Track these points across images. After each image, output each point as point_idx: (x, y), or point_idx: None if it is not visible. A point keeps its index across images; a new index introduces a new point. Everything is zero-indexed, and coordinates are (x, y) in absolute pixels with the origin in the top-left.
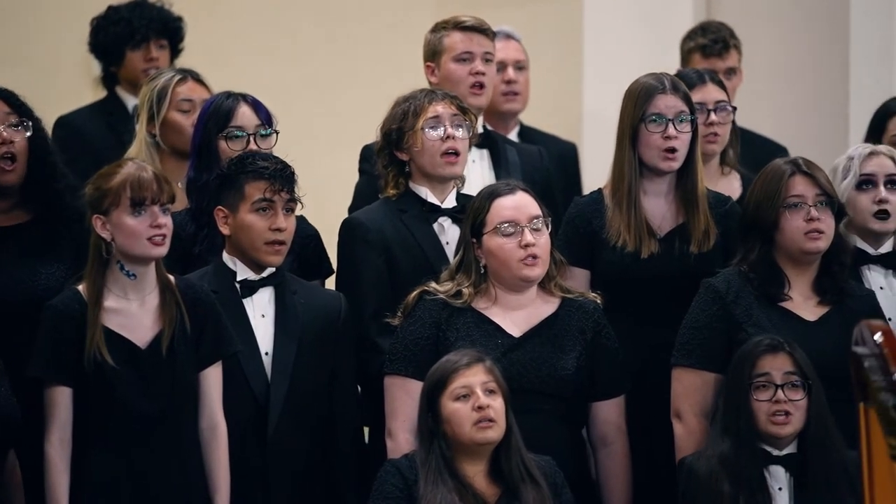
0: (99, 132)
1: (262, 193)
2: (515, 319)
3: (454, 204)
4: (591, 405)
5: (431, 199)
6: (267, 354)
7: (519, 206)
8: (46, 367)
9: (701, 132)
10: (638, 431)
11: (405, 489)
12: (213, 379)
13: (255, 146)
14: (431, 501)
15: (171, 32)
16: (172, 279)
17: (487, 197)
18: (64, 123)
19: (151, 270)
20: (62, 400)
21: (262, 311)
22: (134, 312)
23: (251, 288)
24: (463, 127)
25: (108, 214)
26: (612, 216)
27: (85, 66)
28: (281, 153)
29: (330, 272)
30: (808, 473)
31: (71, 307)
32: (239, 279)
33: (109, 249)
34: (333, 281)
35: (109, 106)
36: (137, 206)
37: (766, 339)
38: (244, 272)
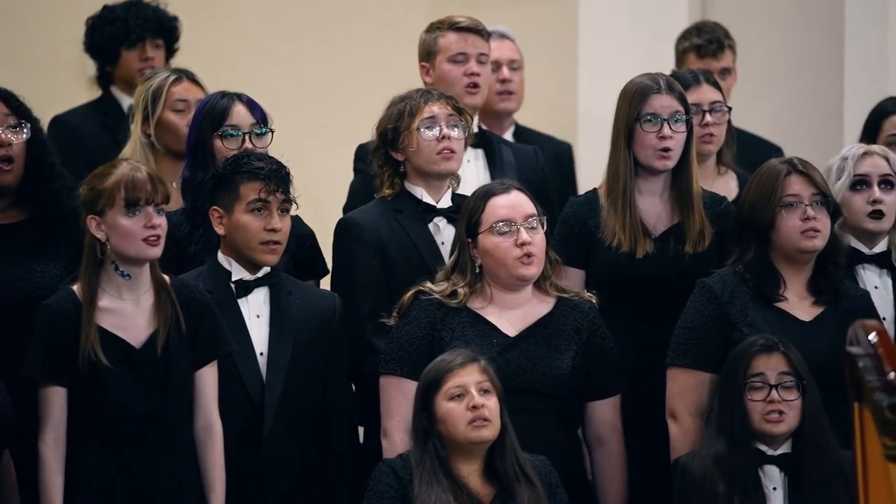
0: (94, 132)
1: (257, 194)
2: (511, 319)
3: (449, 204)
4: (586, 405)
5: (427, 199)
6: (262, 355)
7: (514, 205)
8: (41, 367)
9: (696, 133)
10: (633, 431)
11: (400, 489)
12: (208, 379)
13: (250, 145)
14: (426, 501)
15: (166, 32)
16: (167, 279)
17: (482, 196)
18: (59, 123)
19: (146, 270)
20: (57, 400)
21: (257, 311)
22: (129, 312)
23: (246, 288)
24: (458, 127)
25: (102, 215)
26: (607, 216)
27: (80, 65)
28: (276, 153)
29: (325, 272)
30: (802, 473)
31: (65, 307)
32: (234, 279)
33: (104, 250)
34: (329, 281)
35: (104, 105)
36: (132, 206)
37: (760, 339)
38: (239, 272)
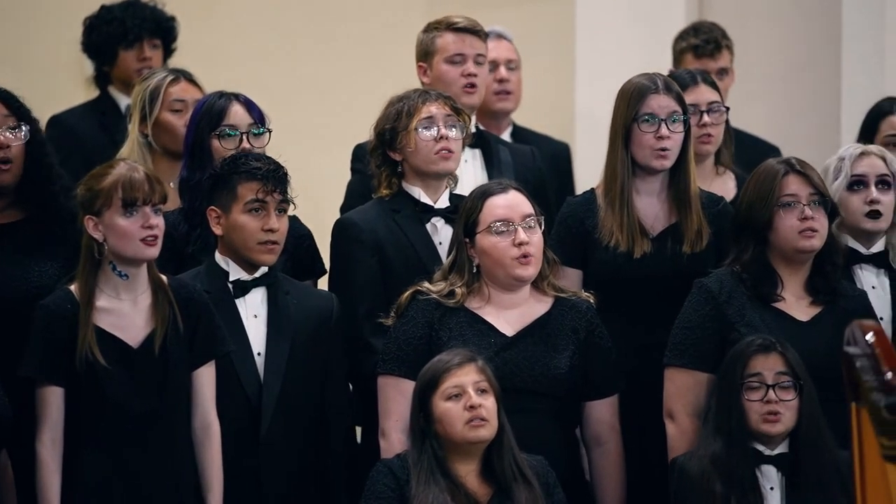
0: (91, 132)
1: (254, 194)
2: (508, 319)
3: (447, 204)
4: (584, 405)
5: (424, 199)
6: (259, 355)
7: (512, 204)
8: (38, 367)
9: (694, 133)
10: (631, 431)
11: (397, 489)
12: (205, 378)
13: (247, 145)
14: (423, 501)
15: (164, 32)
16: (165, 279)
17: (480, 196)
18: (56, 122)
19: (143, 270)
20: (54, 400)
21: (254, 311)
22: (126, 312)
23: (244, 288)
24: (456, 127)
25: (99, 215)
26: (604, 216)
27: (77, 65)
28: (274, 153)
29: (323, 272)
30: (799, 473)
31: (63, 307)
32: (231, 279)
33: (101, 250)
34: (326, 281)
35: (102, 105)
36: (129, 206)
37: (758, 339)
38: (237, 272)
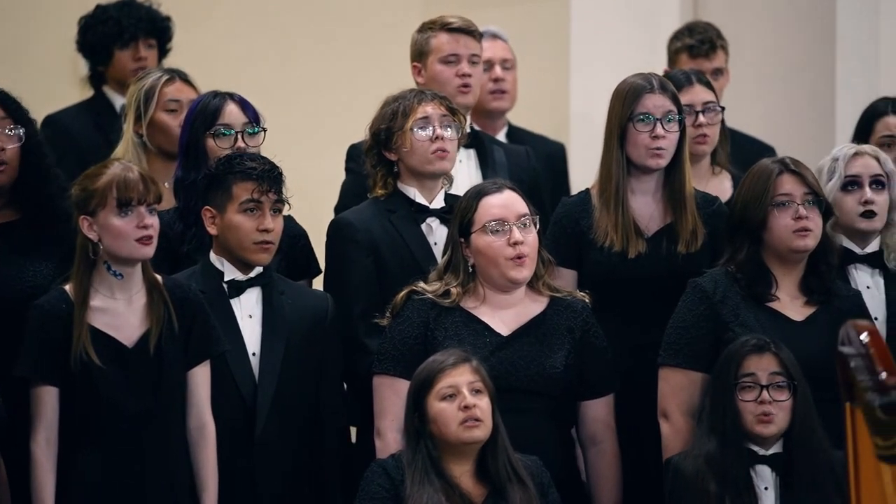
0: (86, 131)
1: (249, 194)
2: (504, 318)
3: (442, 204)
4: (580, 404)
5: (419, 199)
6: (254, 355)
7: (507, 204)
8: (33, 366)
9: (690, 134)
10: (626, 431)
11: (391, 489)
12: (200, 378)
13: (242, 144)
14: (418, 501)
15: (159, 32)
16: (160, 279)
17: (475, 196)
18: (51, 122)
19: (138, 270)
20: (49, 399)
21: (249, 311)
22: (121, 311)
23: (238, 288)
24: (452, 127)
25: (94, 215)
26: (599, 216)
27: (72, 65)
28: (269, 153)
29: (318, 272)
30: (793, 473)
31: (57, 307)
32: (226, 279)
33: (96, 250)
34: (321, 281)
35: (97, 105)
36: (124, 206)
37: (752, 339)
38: (231, 272)
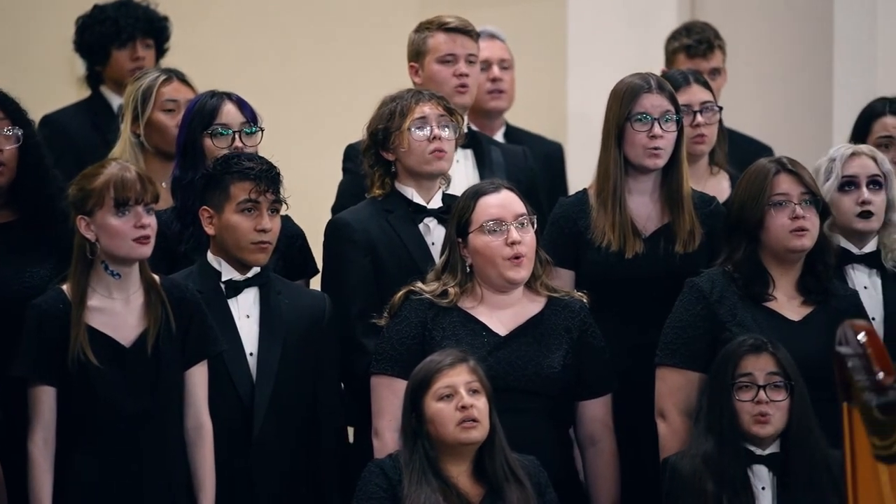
0: (83, 131)
1: (247, 194)
2: (501, 318)
3: (440, 204)
4: (577, 404)
5: (417, 199)
6: (252, 355)
7: (504, 204)
8: (30, 366)
9: (688, 133)
10: (623, 431)
11: (389, 489)
12: (198, 378)
13: (240, 144)
14: (415, 501)
15: (156, 32)
16: (157, 279)
17: (472, 196)
18: (48, 122)
19: (136, 270)
20: (46, 400)
21: (246, 311)
22: (118, 311)
23: (236, 288)
24: (449, 127)
25: (92, 215)
26: (596, 216)
27: (69, 65)
28: (266, 153)
29: (315, 272)
30: (790, 473)
31: (55, 307)
32: (224, 279)
33: (94, 250)
34: (318, 280)
35: (94, 105)
36: (121, 206)
37: (749, 339)
38: (229, 272)
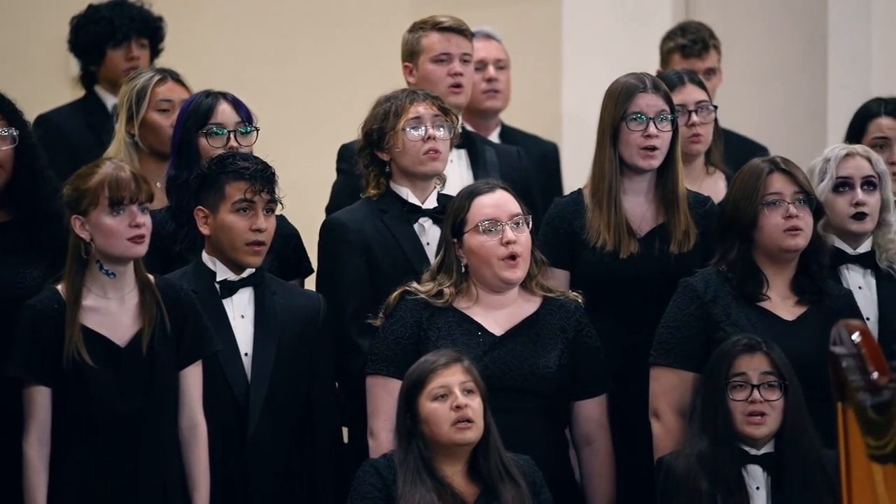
0: (78, 131)
1: (242, 194)
2: (497, 318)
3: (435, 204)
4: (573, 404)
5: (412, 199)
6: (246, 355)
7: (499, 203)
8: (25, 366)
9: (683, 133)
10: (618, 431)
11: (383, 489)
12: (193, 378)
13: (235, 143)
14: (410, 501)
15: (151, 32)
16: (152, 278)
17: (467, 196)
18: (43, 122)
19: (130, 269)
20: (41, 399)
21: (241, 311)
22: (113, 311)
23: (231, 288)
24: (444, 127)
25: (86, 215)
26: (591, 216)
27: (64, 64)
28: (261, 153)
29: (310, 271)
30: (785, 473)
31: (49, 307)
32: (218, 279)
33: (88, 249)
34: (313, 280)
35: (89, 105)
36: (116, 205)
37: (743, 338)
38: (224, 272)
